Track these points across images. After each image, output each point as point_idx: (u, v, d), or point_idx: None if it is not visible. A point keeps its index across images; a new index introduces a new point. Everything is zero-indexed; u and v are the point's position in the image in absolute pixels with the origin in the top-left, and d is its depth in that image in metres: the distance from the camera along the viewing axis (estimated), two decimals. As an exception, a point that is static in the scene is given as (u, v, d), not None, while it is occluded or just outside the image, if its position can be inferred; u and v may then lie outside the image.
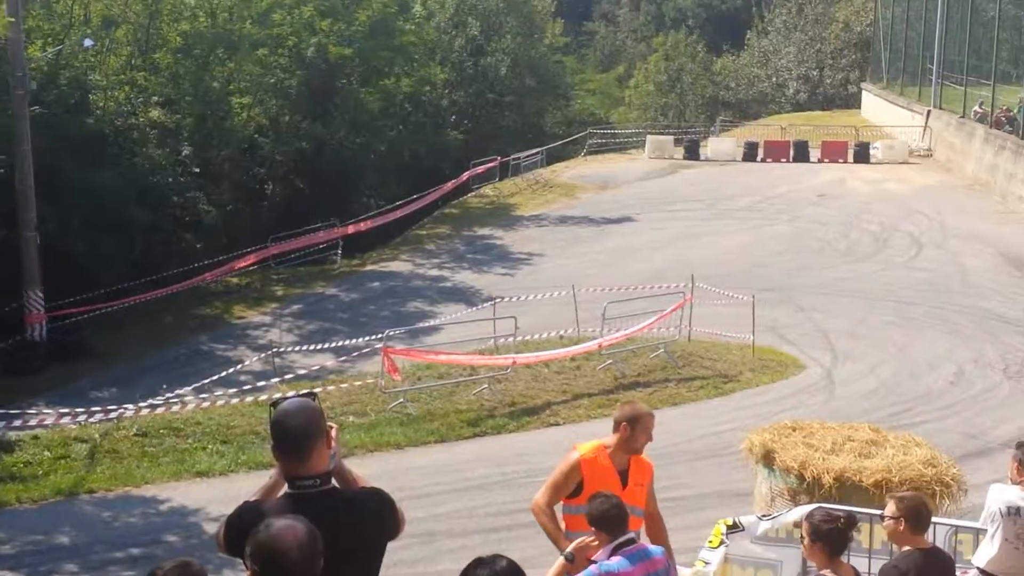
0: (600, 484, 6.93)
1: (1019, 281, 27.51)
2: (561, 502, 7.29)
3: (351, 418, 18.04)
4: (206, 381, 20.86)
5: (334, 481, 4.75)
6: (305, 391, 6.67)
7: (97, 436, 16.89)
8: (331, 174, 39.64)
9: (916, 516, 6.44)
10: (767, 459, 10.65)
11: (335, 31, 39.23)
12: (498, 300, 24.36)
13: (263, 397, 18.50)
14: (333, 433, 4.77)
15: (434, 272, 32.37)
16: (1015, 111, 38.07)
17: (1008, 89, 39.77)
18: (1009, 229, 32.64)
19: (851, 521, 6.34)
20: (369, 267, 33.85)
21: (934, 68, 47.34)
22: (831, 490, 9.90)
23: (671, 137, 50.37)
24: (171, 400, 18.99)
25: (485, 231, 36.61)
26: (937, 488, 9.84)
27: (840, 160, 44.99)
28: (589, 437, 7.98)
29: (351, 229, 36.11)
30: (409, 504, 13.09)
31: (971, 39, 43.25)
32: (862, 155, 45.03)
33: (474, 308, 26.03)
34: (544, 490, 7.30)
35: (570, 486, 7.20)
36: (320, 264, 34.74)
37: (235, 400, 19.03)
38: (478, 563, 4.45)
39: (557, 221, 37.40)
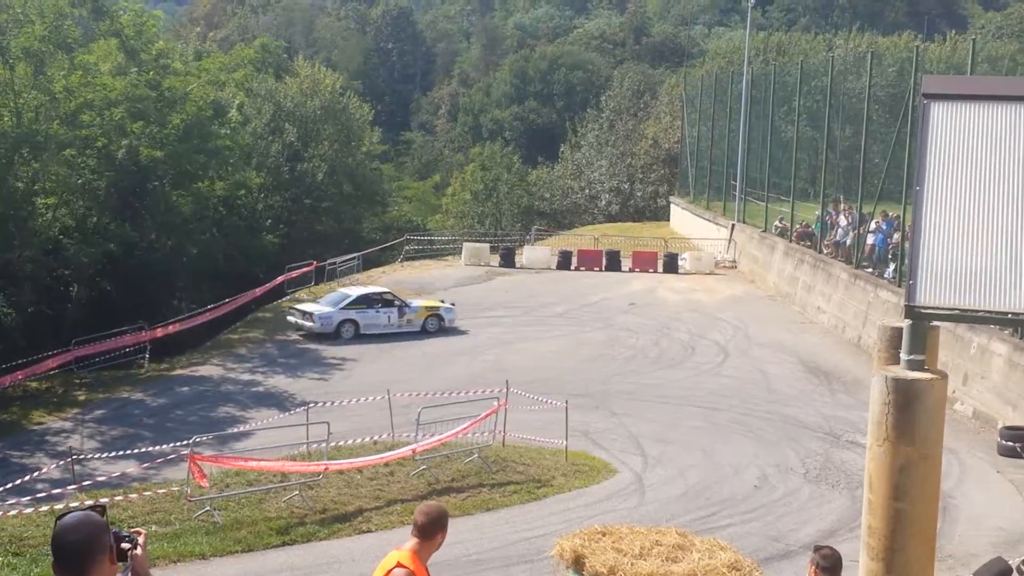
0: None
1: (817, 388, 28.64)
2: None
3: (154, 527, 17.32)
4: (-2, 490, 19.82)
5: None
6: (93, 502, 6.41)
7: None
8: (140, 277, 38.64)
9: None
10: (577, 564, 10.71)
11: (147, 133, 38.48)
12: (311, 405, 24.00)
13: (59, 506, 17.64)
14: (140, 540, 4.63)
15: (246, 376, 31.65)
16: (813, 227, 40.01)
17: (806, 206, 41.80)
18: (808, 338, 34.08)
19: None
20: (178, 371, 32.88)
21: (737, 184, 49.46)
22: (639, 594, 10.01)
23: (487, 245, 51.02)
24: (-42, 511, 17.93)
25: (299, 335, 36.14)
26: (741, 590, 10.06)
27: (650, 270, 46.34)
28: (402, 544, 7.86)
29: (159, 332, 35.13)
30: (212, 616, 12.65)
31: (771, 158, 45.38)
32: (671, 265, 46.50)
33: (287, 413, 25.56)
34: None
35: None
36: (126, 368, 33.57)
37: (29, 510, 18.08)
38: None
39: (373, 326, 37.15)
